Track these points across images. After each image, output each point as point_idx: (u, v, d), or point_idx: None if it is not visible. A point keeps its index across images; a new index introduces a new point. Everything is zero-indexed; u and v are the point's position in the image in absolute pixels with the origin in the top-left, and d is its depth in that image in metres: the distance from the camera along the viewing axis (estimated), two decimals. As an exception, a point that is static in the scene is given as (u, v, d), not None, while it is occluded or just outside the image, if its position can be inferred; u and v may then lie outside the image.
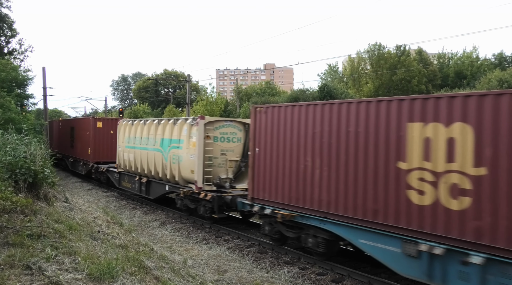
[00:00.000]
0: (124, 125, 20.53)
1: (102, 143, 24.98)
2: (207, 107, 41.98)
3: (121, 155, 20.57)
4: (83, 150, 26.70)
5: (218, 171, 15.03)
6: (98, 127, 24.91)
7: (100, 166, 23.98)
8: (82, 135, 27.03)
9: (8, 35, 30.62)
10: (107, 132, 24.99)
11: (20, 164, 7.86)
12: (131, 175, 19.69)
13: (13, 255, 5.10)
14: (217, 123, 15.23)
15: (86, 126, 26.01)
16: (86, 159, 25.72)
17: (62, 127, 34.06)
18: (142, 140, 18.24)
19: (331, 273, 10.16)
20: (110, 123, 25.53)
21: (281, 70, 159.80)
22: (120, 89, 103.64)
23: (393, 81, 54.71)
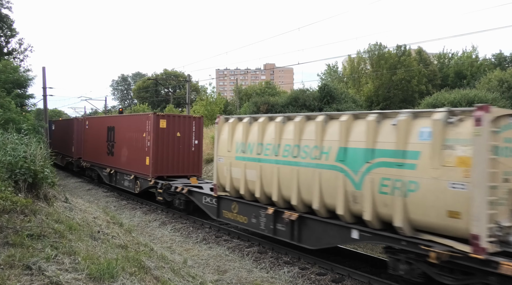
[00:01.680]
0: (232, 124, 12.83)
1: (167, 149, 18.10)
2: (207, 107, 42.02)
3: (225, 171, 12.85)
4: (133, 160, 19.62)
5: (498, 212, 7.64)
6: (161, 128, 17.87)
7: (172, 183, 16.67)
8: (130, 138, 20.11)
9: (8, 35, 30.62)
10: (172, 134, 18.11)
11: (20, 164, 7.87)
12: (249, 204, 12.29)
13: (13, 255, 5.10)
14: (505, 119, 7.79)
15: (140, 125, 19.03)
16: (141, 172, 18.71)
17: (91, 127, 26.39)
18: (280, 149, 11.00)
19: (331, 273, 10.16)
20: (178, 122, 18.49)
21: (281, 70, 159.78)
22: (120, 89, 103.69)
23: (393, 81, 54.75)
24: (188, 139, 18.52)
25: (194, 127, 18.66)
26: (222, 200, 13.44)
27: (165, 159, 18.04)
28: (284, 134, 11.00)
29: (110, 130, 22.69)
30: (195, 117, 19.27)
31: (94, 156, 25.08)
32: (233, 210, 13.02)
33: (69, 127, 31.04)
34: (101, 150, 23.72)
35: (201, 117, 19.30)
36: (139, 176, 18.99)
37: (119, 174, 21.49)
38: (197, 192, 14.94)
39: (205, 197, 14.44)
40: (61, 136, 34.09)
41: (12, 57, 30.94)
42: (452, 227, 7.60)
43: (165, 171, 18.10)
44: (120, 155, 21.20)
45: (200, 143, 18.89)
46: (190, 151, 18.57)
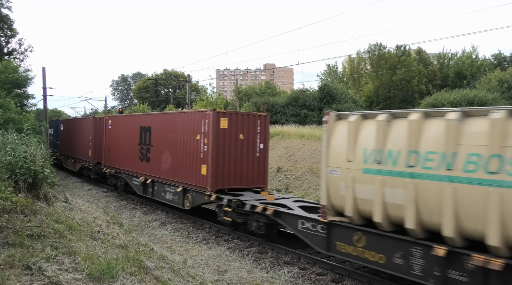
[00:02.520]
0: (353, 124, 9.24)
1: (228, 156, 14.45)
2: (207, 107, 42.01)
3: (342, 188, 9.36)
4: (181, 168, 15.74)
5: None
6: (222, 128, 14.28)
7: (246, 200, 12.84)
8: (176, 141, 16.11)
9: (8, 35, 30.64)
10: (235, 136, 14.60)
11: (20, 164, 7.86)
12: (389, 237, 8.60)
13: (13, 255, 5.10)
14: None
15: (193, 125, 15.11)
16: (194, 184, 14.93)
17: (116, 127, 21.94)
18: (459, 160, 7.27)
19: (331, 273, 10.16)
20: (241, 121, 14.75)
21: (281, 70, 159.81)
22: (120, 89, 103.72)
23: (393, 81, 54.79)
24: (253, 143, 14.96)
25: (259, 127, 15.06)
26: (336, 228, 9.69)
27: (227, 168, 14.39)
28: (465, 138, 7.29)
29: (144, 131, 18.49)
30: (260, 115, 15.39)
31: (120, 161, 20.82)
32: (357, 243, 9.29)
33: (84, 127, 26.97)
34: (130, 155, 19.63)
35: (267, 115, 15.57)
36: (191, 188, 15.09)
37: (157, 185, 17.36)
38: (288, 215, 11.23)
39: (302, 222, 10.71)
40: (72, 137, 30.00)
41: (12, 57, 30.97)
42: None
43: (227, 182, 14.46)
44: (160, 161, 17.09)
45: (266, 147, 15.32)
46: (254, 157, 15.00)
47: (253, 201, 12.69)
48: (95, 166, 24.79)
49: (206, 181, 14.26)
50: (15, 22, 31.05)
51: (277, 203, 12.39)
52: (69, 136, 30.98)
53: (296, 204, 12.24)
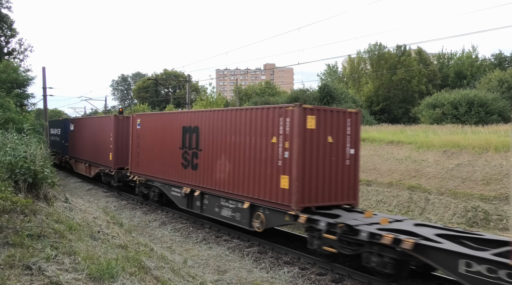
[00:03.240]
0: None
1: (316, 164, 11.35)
2: (207, 107, 41.98)
3: None
4: (247, 178, 12.56)
5: None
6: (308, 128, 11.20)
7: (357, 226, 9.66)
8: (238, 144, 12.95)
9: (8, 35, 30.64)
10: (323, 139, 11.53)
11: (20, 164, 7.86)
12: None
13: (13, 255, 5.10)
14: None
15: (266, 124, 11.92)
16: (269, 200, 11.72)
17: (147, 127, 18.59)
18: None
19: (331, 273, 10.16)
20: (330, 120, 11.66)
21: (281, 70, 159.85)
22: (120, 89, 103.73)
23: (393, 81, 54.79)
24: (342, 147, 11.89)
25: (350, 127, 11.99)
26: None
27: (314, 180, 11.28)
28: None
29: (188, 132, 15.31)
30: (350, 112, 12.23)
31: (154, 168, 17.68)
32: None
33: (103, 127, 23.36)
34: (169, 161, 16.52)
35: (358, 112, 12.44)
36: (263, 205, 11.93)
37: (209, 198, 14.25)
38: (441, 251, 8.05)
39: (468, 263, 7.54)
40: (86, 138, 26.55)
41: (12, 57, 30.97)
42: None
43: (314, 198, 11.29)
44: (213, 169, 13.93)
45: (357, 153, 12.21)
46: (344, 165, 11.93)
47: (367, 227, 9.54)
48: (118, 172, 21.55)
49: (289, 197, 11.01)
50: (15, 22, 31.07)
51: (398, 229, 9.36)
52: (82, 137, 27.52)
53: (429, 231, 9.19)
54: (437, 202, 16.82)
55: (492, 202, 15.65)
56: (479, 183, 16.86)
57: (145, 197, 19.25)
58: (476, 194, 16.29)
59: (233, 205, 13.16)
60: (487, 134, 21.92)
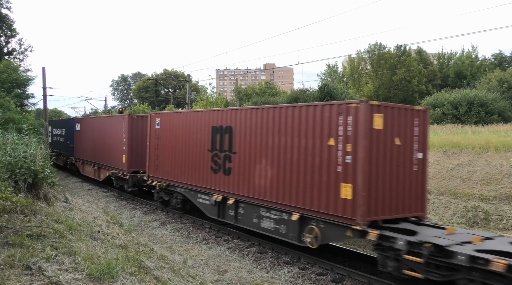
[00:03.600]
0: None
1: (382, 171, 9.85)
2: (207, 107, 41.97)
3: None
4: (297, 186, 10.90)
5: None
6: (375, 129, 9.70)
7: (453, 246, 8.03)
8: (286, 147, 11.30)
9: (8, 35, 30.65)
10: (390, 141, 9.98)
11: (20, 164, 7.86)
12: None
13: (13, 255, 5.09)
14: None
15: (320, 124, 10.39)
16: (325, 212, 10.13)
17: (168, 127, 16.87)
18: None
19: (331, 273, 10.17)
20: (397, 119, 10.14)
21: (281, 70, 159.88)
22: (120, 89, 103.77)
23: (393, 81, 54.81)
24: (409, 151, 10.31)
25: (417, 127, 10.47)
26: None
27: (380, 189, 9.75)
28: None
29: (219, 133, 13.74)
30: (418, 109, 10.68)
31: (177, 172, 15.97)
32: None
33: (115, 127, 21.75)
34: (195, 164, 14.88)
35: (426, 110, 10.85)
36: (318, 217, 10.28)
37: (245, 207, 12.65)
38: None
39: None
40: (95, 139, 24.80)
41: (12, 57, 30.98)
42: None
43: (381, 210, 9.75)
44: (251, 175, 12.34)
45: (425, 157, 10.67)
46: (411, 172, 10.36)
47: (461, 247, 7.99)
48: (133, 176, 19.93)
49: (353, 209, 9.45)
50: (15, 22, 31.06)
51: (499, 251, 7.77)
52: (90, 137, 25.74)
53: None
54: (437, 202, 16.82)
55: (492, 202, 15.66)
56: (479, 183, 16.87)
57: (165, 203, 17.62)
58: (476, 194, 16.29)
59: (276, 216, 11.51)
60: (487, 134, 21.94)
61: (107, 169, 22.69)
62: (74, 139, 28.97)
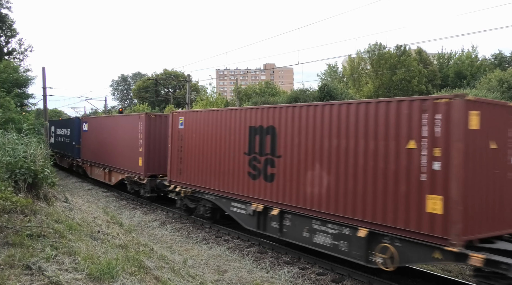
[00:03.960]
0: None
1: (479, 179, 8.32)
2: (207, 107, 41.99)
3: None
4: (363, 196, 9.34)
5: None
6: (471, 129, 8.09)
7: None
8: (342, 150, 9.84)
9: (8, 35, 30.67)
10: (484, 144, 8.46)
11: (20, 164, 7.87)
12: None
13: (13, 255, 5.10)
14: None
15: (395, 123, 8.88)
16: (404, 228, 8.58)
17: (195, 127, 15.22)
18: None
19: (331, 273, 10.16)
20: (493, 117, 8.60)
21: (281, 70, 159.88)
22: (120, 89, 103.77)
23: (393, 81, 54.83)
24: (503, 155, 8.90)
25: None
26: None
27: (477, 202, 8.34)
28: None
29: (259, 134, 12.18)
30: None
31: (205, 177, 14.40)
32: None
33: (129, 128, 20.17)
34: (228, 169, 13.35)
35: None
36: (393, 235, 8.79)
37: (293, 219, 11.06)
38: None
39: None
40: (106, 140, 23.10)
41: (12, 57, 31.00)
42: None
43: (477, 227, 8.31)
44: (300, 182, 10.80)
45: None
46: (506, 180, 8.98)
47: None
48: (151, 181, 18.36)
49: (444, 225, 7.98)
50: (15, 22, 31.08)
51: None
52: (100, 138, 24.02)
53: None
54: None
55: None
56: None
57: (189, 211, 16.09)
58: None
59: (334, 230, 9.98)
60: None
61: (120, 172, 21.17)
62: (81, 139, 27.33)
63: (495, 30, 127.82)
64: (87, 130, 26.56)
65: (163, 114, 19.38)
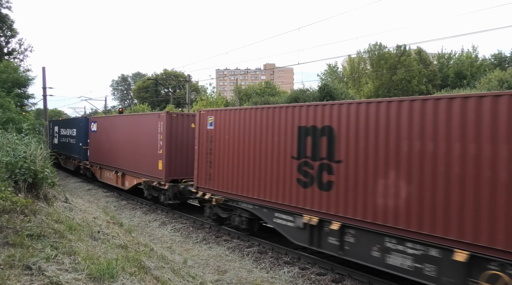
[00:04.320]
0: None
1: None
2: (207, 107, 42.01)
3: None
4: (474, 212, 7.45)
5: None
6: None
7: None
8: (441, 155, 8.00)
9: (8, 35, 30.68)
10: None
11: (20, 164, 7.88)
12: None
13: (13, 255, 5.10)
14: None
15: None
16: None
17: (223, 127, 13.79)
18: None
19: (331, 273, 10.16)
20: None
21: (281, 70, 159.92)
22: (120, 89, 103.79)
23: (393, 81, 54.86)
24: None
25: None
26: None
27: None
28: None
29: (311, 135, 10.65)
30: None
31: (241, 183, 12.84)
32: None
33: (147, 128, 18.41)
34: (271, 175, 11.73)
35: None
36: (502, 260, 7.21)
37: (357, 235, 9.54)
38: None
39: None
40: (118, 141, 21.39)
41: (12, 57, 31.01)
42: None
43: None
44: (368, 192, 9.28)
45: None
46: None
47: None
48: (174, 186, 16.54)
49: None
50: (15, 22, 31.10)
51: None
52: (112, 139, 22.16)
53: None
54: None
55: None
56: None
57: (220, 221, 14.51)
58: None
59: (417, 251, 8.41)
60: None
61: (135, 176, 19.38)
62: (89, 140, 25.54)
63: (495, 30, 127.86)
64: (96, 130, 24.77)
65: (186, 113, 17.87)
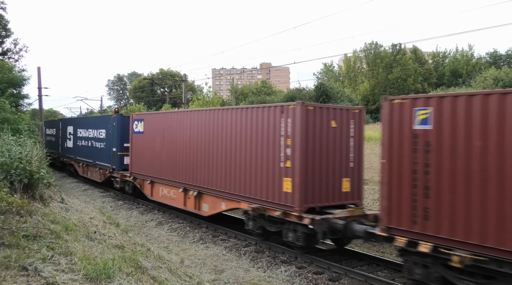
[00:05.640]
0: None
1: None
2: (204, 106, 41.96)
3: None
4: None
5: None
6: None
7: None
8: None
9: (3, 35, 30.52)
10: None
11: (15, 165, 7.84)
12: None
13: (9, 256, 5.08)
14: None
15: None
16: None
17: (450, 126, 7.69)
18: None
19: (328, 272, 10.18)
20: None
21: (277, 69, 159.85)
22: (116, 89, 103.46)
23: (389, 80, 55.01)
24: None
25: None
26: None
27: None
28: None
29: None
30: None
31: None
32: None
33: (250, 128, 12.17)
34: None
35: None
36: None
37: None
38: None
39: None
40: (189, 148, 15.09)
41: (7, 57, 30.85)
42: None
43: None
44: None
45: None
46: None
47: None
48: (321, 222, 10.12)
49: None
50: (9, 22, 30.94)
51: None
52: (177, 144, 15.90)
53: None
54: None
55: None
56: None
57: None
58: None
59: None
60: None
61: (226, 198, 13.30)
62: (131, 145, 19.38)
63: (490, 29, 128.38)
64: (143, 131, 18.59)
65: (325, 105, 11.84)
